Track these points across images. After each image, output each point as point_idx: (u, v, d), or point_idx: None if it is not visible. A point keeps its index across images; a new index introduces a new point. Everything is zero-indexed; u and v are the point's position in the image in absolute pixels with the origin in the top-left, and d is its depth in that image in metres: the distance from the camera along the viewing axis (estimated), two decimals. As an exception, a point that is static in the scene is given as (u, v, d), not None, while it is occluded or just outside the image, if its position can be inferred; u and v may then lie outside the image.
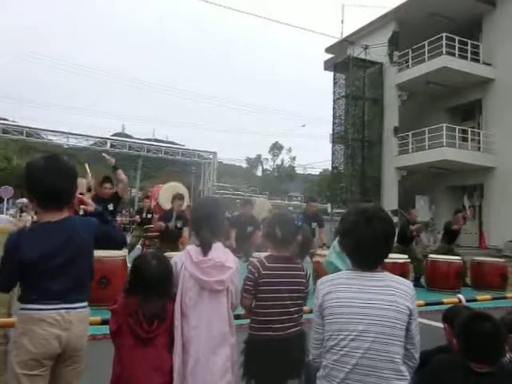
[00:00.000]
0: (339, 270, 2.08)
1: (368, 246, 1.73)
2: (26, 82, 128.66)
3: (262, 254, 2.58)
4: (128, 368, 1.96)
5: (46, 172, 1.97)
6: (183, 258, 2.15)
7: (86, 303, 2.01)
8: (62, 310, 1.88)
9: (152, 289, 2.03)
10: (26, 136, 26.42)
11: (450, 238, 9.11)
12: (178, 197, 7.62)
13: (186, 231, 7.29)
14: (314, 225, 7.93)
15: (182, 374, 2.01)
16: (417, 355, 1.74)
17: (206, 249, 2.14)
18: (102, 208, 2.48)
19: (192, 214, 2.51)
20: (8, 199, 21.87)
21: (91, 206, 2.24)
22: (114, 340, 2.02)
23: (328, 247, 5.64)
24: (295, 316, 2.34)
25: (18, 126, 27.23)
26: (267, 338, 2.26)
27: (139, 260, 2.15)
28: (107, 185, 6.11)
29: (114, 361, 2.01)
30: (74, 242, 1.96)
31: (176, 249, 6.76)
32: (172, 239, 7.33)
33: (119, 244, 2.36)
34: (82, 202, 2.28)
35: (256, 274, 2.31)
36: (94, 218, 2.16)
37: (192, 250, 2.17)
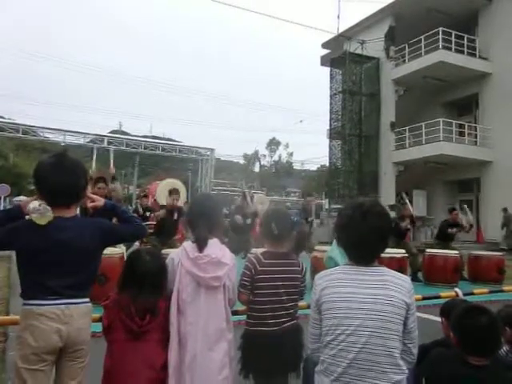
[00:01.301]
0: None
1: (364, 240, 1.73)
2: (26, 81, 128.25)
3: (259, 251, 2.58)
4: (119, 362, 1.96)
5: (50, 170, 2.01)
6: (180, 255, 2.15)
7: (87, 299, 2.02)
8: (62, 305, 1.90)
9: (144, 284, 2.04)
10: (23, 134, 26.22)
11: (446, 237, 9.06)
12: (173, 192, 7.86)
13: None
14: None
15: (178, 370, 2.01)
16: (415, 350, 1.74)
17: (201, 245, 2.14)
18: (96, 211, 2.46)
19: (188, 211, 2.51)
20: (5, 197, 21.78)
21: (100, 202, 2.23)
22: (106, 336, 2.03)
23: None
24: (291, 311, 2.36)
25: (14, 123, 26.99)
26: (263, 333, 2.28)
27: (133, 255, 2.17)
28: (101, 184, 6.07)
29: (105, 357, 2.01)
30: (75, 240, 1.97)
31: (174, 246, 6.81)
32: (169, 234, 7.39)
33: (138, 237, 2.43)
34: (90, 199, 2.28)
35: (253, 271, 2.33)
36: (103, 219, 2.16)
37: (188, 246, 2.17)
